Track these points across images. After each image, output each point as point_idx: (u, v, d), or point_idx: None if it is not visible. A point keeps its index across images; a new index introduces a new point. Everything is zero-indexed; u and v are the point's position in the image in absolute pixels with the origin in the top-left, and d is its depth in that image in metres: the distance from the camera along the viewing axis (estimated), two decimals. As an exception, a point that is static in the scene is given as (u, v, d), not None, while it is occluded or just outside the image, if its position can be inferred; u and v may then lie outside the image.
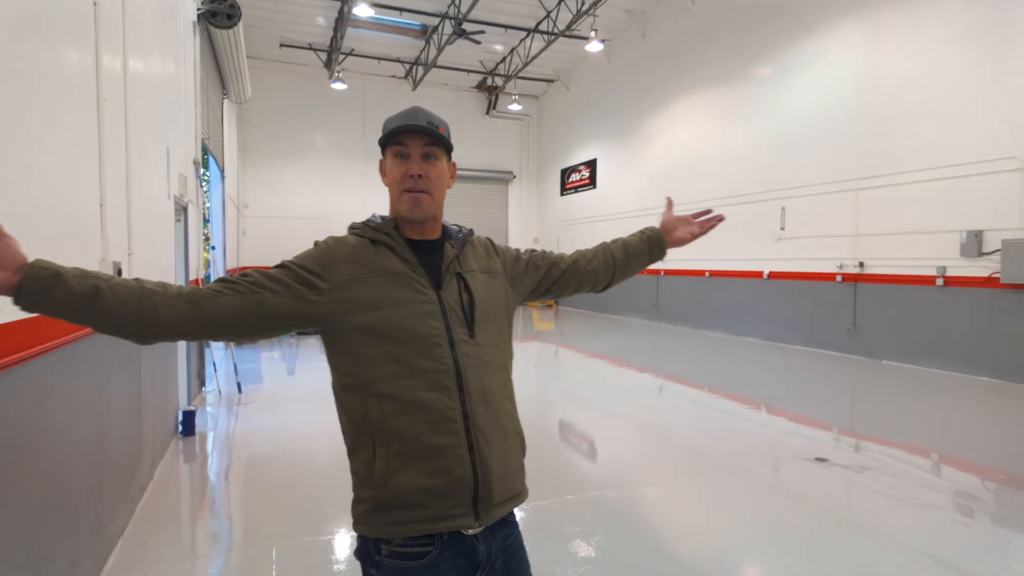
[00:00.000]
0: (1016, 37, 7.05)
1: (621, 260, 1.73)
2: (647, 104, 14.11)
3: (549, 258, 1.62)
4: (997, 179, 7.16)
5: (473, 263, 1.43)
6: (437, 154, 1.36)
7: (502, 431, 1.34)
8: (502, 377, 1.39)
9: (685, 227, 1.81)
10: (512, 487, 1.35)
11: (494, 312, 1.41)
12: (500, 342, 1.41)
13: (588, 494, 3.96)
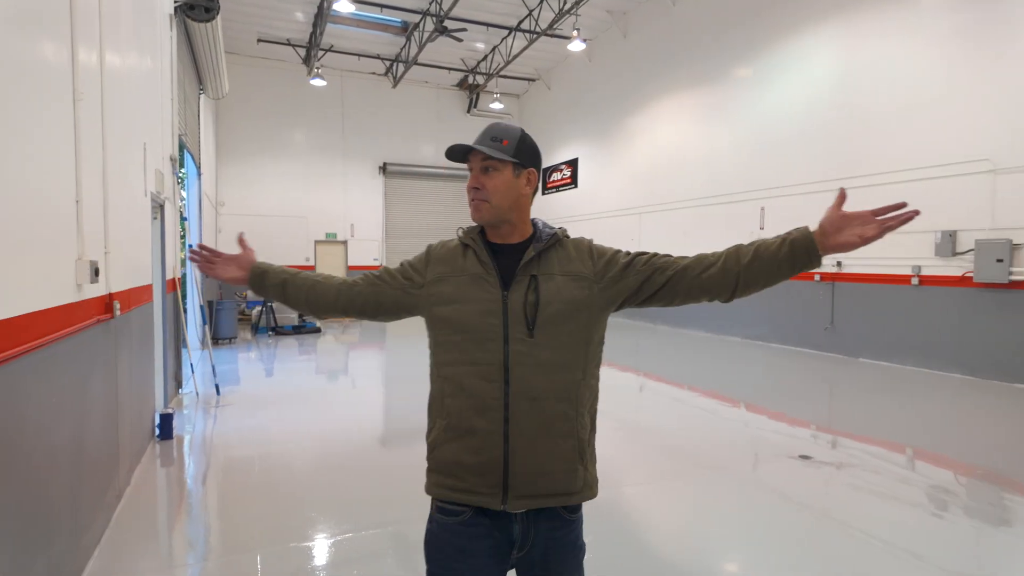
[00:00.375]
0: (990, 43, 7.23)
1: (747, 269, 1.43)
2: (629, 104, 14.19)
3: (654, 262, 1.49)
4: (970, 181, 7.34)
5: (555, 266, 1.48)
6: (497, 167, 1.47)
7: (547, 428, 1.40)
8: (562, 378, 1.43)
9: (856, 226, 1.37)
10: (551, 484, 1.41)
11: (565, 314, 1.44)
12: (569, 344, 1.44)
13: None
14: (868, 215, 1.36)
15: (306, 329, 12.25)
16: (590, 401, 1.49)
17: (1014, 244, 6.93)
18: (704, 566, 3.11)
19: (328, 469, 4.52)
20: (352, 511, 3.72)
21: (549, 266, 1.48)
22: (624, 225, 14.32)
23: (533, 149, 1.52)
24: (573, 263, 1.49)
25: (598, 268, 1.50)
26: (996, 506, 3.94)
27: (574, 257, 1.50)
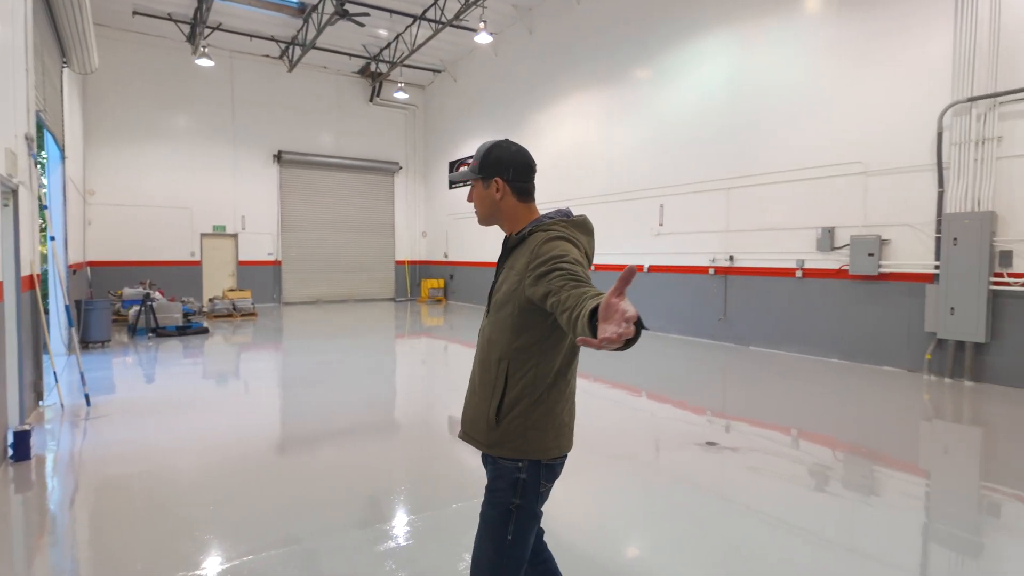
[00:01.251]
0: (861, 56, 7.90)
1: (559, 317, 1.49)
2: (535, 100, 14.28)
3: (554, 284, 1.48)
4: (846, 181, 8.01)
5: (513, 259, 1.75)
6: (474, 184, 1.85)
7: (475, 385, 1.84)
8: (494, 352, 1.75)
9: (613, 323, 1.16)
10: (473, 430, 1.82)
11: (502, 302, 1.74)
12: (504, 326, 1.72)
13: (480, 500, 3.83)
14: (618, 315, 1.14)
15: (192, 330, 11.28)
16: (522, 377, 1.70)
17: (883, 239, 7.65)
18: (612, 555, 3.11)
19: (221, 483, 4.11)
20: (251, 529, 3.39)
21: (513, 259, 1.75)
22: (531, 220, 14.40)
23: (496, 160, 1.78)
24: (521, 257, 1.69)
25: (531, 266, 1.63)
26: (868, 479, 4.31)
27: (525, 252, 1.69)
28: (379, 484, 4.10)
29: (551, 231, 1.68)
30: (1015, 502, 3.93)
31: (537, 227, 1.72)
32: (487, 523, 1.75)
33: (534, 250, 1.64)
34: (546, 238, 1.66)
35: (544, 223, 1.73)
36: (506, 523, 1.71)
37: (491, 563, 1.72)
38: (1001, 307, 6.67)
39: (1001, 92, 6.57)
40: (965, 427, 5.72)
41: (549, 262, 1.56)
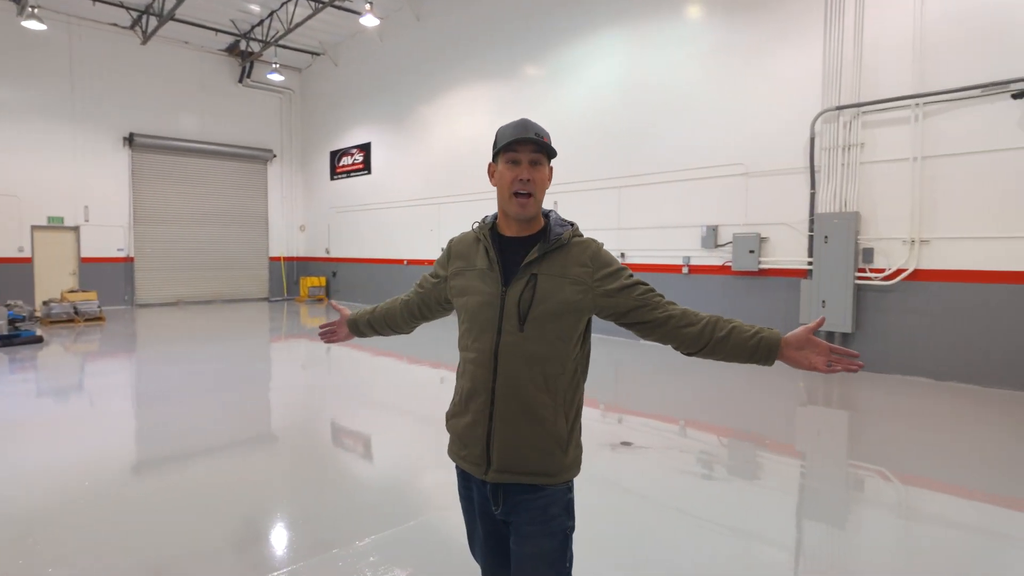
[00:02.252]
0: (745, 61, 8.48)
1: (719, 342, 1.59)
2: (424, 91, 13.94)
3: (649, 298, 1.62)
4: (729, 182, 8.57)
5: (557, 266, 1.61)
6: (542, 161, 1.63)
7: (525, 412, 1.56)
8: (543, 370, 1.57)
9: (812, 353, 1.54)
10: (526, 463, 1.56)
11: (556, 313, 1.58)
12: (555, 341, 1.58)
13: (386, 532, 3.44)
14: (824, 348, 1.54)
15: (20, 339, 9.73)
16: (572, 393, 1.62)
17: (762, 237, 8.27)
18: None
19: (66, 512, 3.52)
20: (102, 562, 2.89)
21: (551, 266, 1.61)
22: (423, 215, 14.08)
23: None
24: (574, 267, 1.61)
25: (597, 276, 1.61)
26: (751, 463, 4.63)
27: (576, 260, 1.61)
28: (256, 503, 3.76)
29: (595, 240, 1.70)
30: (877, 477, 4.35)
31: (575, 232, 1.67)
32: (546, 557, 1.58)
33: (595, 258, 1.63)
34: (598, 246, 1.67)
35: (573, 228, 1.69)
36: (564, 549, 1.61)
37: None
38: (864, 300, 7.44)
39: (864, 103, 7.33)
40: (835, 411, 6.30)
41: (626, 274, 1.63)
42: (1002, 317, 6.48)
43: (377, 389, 7.04)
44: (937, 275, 6.92)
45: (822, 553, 3.28)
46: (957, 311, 6.77)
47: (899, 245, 7.17)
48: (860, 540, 3.42)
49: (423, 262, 14.16)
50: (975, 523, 3.60)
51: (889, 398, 6.40)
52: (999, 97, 6.45)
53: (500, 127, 1.68)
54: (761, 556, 3.17)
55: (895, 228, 7.20)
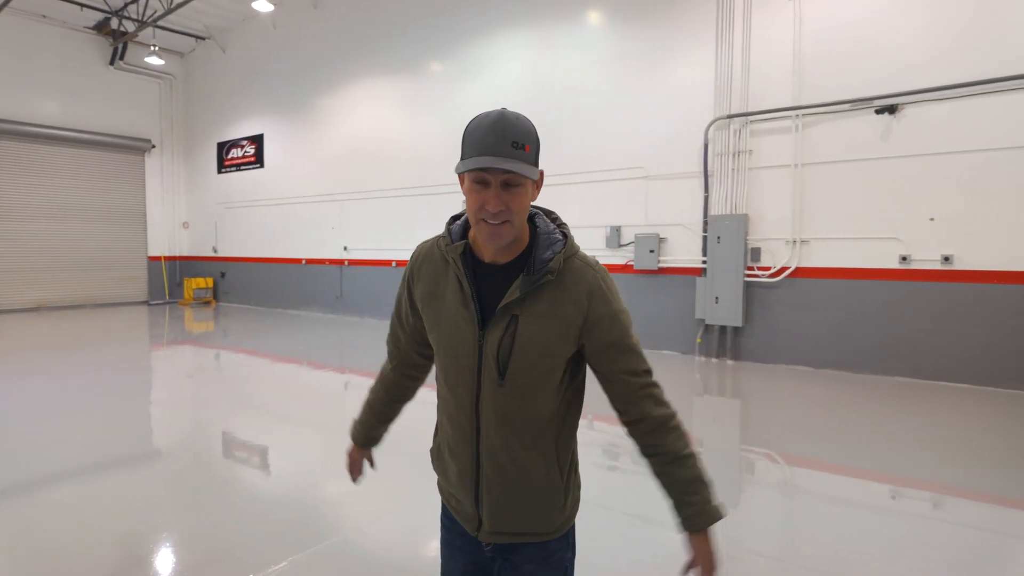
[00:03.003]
0: (644, 68, 8.97)
1: (657, 475, 1.45)
2: (323, 83, 13.51)
3: (628, 384, 1.38)
4: (630, 184, 9.04)
5: (543, 303, 1.32)
6: (521, 181, 1.26)
7: (515, 473, 1.38)
8: (532, 428, 1.37)
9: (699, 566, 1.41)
10: (521, 525, 1.41)
11: (542, 364, 1.33)
12: (540, 394, 1.36)
13: (303, 554, 3.31)
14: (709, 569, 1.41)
15: None
16: (566, 440, 1.44)
17: (661, 238, 8.80)
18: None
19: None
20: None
21: (536, 303, 1.32)
22: (324, 213, 13.64)
23: (538, 140, 1.34)
24: (564, 304, 1.32)
25: (590, 317, 1.34)
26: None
27: (569, 296, 1.33)
28: (137, 532, 3.44)
29: (588, 259, 1.38)
30: (764, 460, 4.81)
31: (568, 252, 1.35)
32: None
33: (592, 295, 1.33)
34: (598, 277, 1.36)
35: (565, 245, 1.36)
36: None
37: None
38: (752, 295, 8.12)
39: (751, 112, 8.00)
40: (727, 399, 6.85)
41: (621, 331, 1.36)
42: (866, 309, 7.32)
43: (276, 398, 6.72)
44: (814, 272, 7.69)
45: (720, 534, 3.56)
46: (831, 305, 7.57)
47: (782, 245, 7.90)
48: (751, 519, 3.77)
49: (323, 261, 13.73)
50: (849, 497, 4.08)
51: (775, 386, 7.04)
52: (865, 112, 7.28)
53: (470, 123, 1.32)
54: (665, 541, 3.40)
55: (779, 229, 7.92)
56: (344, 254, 13.30)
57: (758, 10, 7.97)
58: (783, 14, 7.79)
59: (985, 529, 3.55)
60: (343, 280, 13.38)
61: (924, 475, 4.37)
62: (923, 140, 6.95)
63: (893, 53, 7.08)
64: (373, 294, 12.78)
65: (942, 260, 6.86)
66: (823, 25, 7.53)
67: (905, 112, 7.05)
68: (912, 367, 7.06)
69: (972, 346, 6.70)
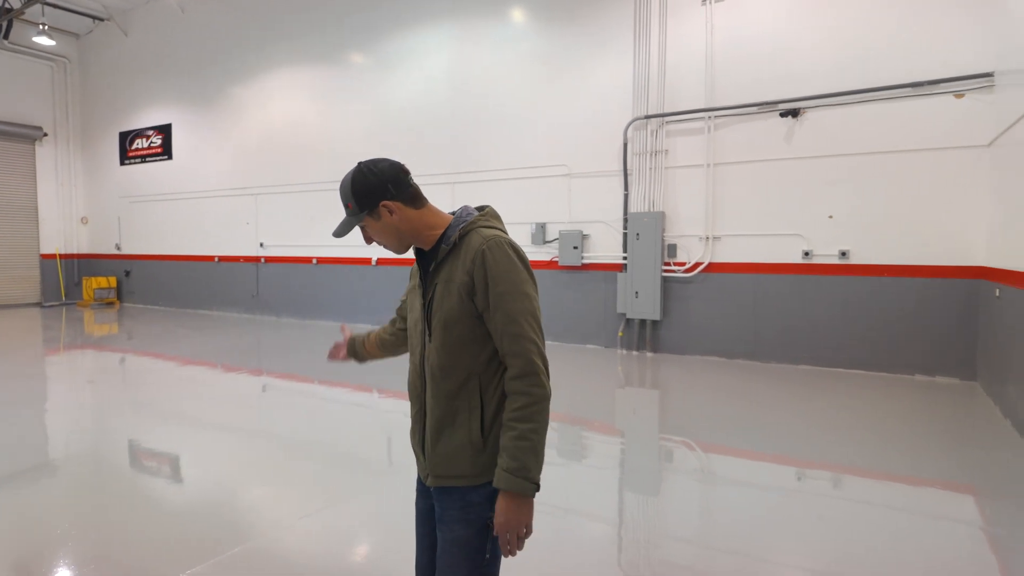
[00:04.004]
0: (566, 67, 9.10)
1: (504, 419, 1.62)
2: (236, 71, 12.88)
3: (509, 338, 1.56)
4: (554, 182, 9.16)
5: (448, 271, 1.62)
6: (367, 223, 1.66)
7: (443, 420, 1.64)
8: (451, 378, 1.62)
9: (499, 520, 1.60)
10: (446, 467, 1.64)
11: (451, 320, 1.60)
12: (458, 348, 1.61)
13: (207, 563, 3.12)
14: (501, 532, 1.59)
15: None
16: (489, 396, 1.62)
17: (584, 234, 8.96)
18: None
19: None
20: None
21: (445, 272, 1.62)
22: (239, 207, 13.01)
23: (369, 186, 1.61)
24: (458, 271, 1.60)
25: (477, 280, 1.56)
26: (578, 445, 5.11)
27: (463, 264, 1.59)
28: (32, 546, 3.22)
29: (482, 229, 1.61)
30: (682, 448, 5.00)
31: (468, 227, 1.62)
32: (460, 545, 1.62)
33: (476, 260, 1.55)
34: (484, 245, 1.56)
35: (467, 220, 1.64)
36: (483, 540, 1.63)
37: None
38: (669, 290, 8.42)
39: (667, 113, 8.29)
40: (647, 390, 7.06)
41: (500, 290, 1.54)
42: (773, 302, 7.75)
43: (187, 403, 6.30)
44: (726, 267, 8.06)
45: (639, 521, 3.69)
46: (741, 298, 7.96)
47: (696, 241, 8.22)
48: (669, 506, 3.91)
49: (238, 258, 13.09)
50: (758, 480, 4.30)
51: (690, 377, 7.33)
52: (771, 115, 7.68)
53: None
54: (589, 531, 3.47)
55: (693, 226, 8.24)
56: (260, 251, 12.74)
57: (673, 15, 8.25)
58: (696, 20, 8.09)
59: (879, 504, 3.83)
60: (259, 278, 12.82)
61: (825, 456, 4.67)
62: (822, 143, 7.42)
63: (795, 60, 7.51)
64: (292, 293, 12.31)
65: (840, 255, 7.35)
66: (732, 32, 7.89)
67: (806, 116, 7.50)
68: (814, 355, 7.53)
69: (867, 335, 7.22)
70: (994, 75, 6.41)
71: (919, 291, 6.96)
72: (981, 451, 4.73)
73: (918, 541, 3.31)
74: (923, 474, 4.31)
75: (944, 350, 6.84)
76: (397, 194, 1.62)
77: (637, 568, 3.06)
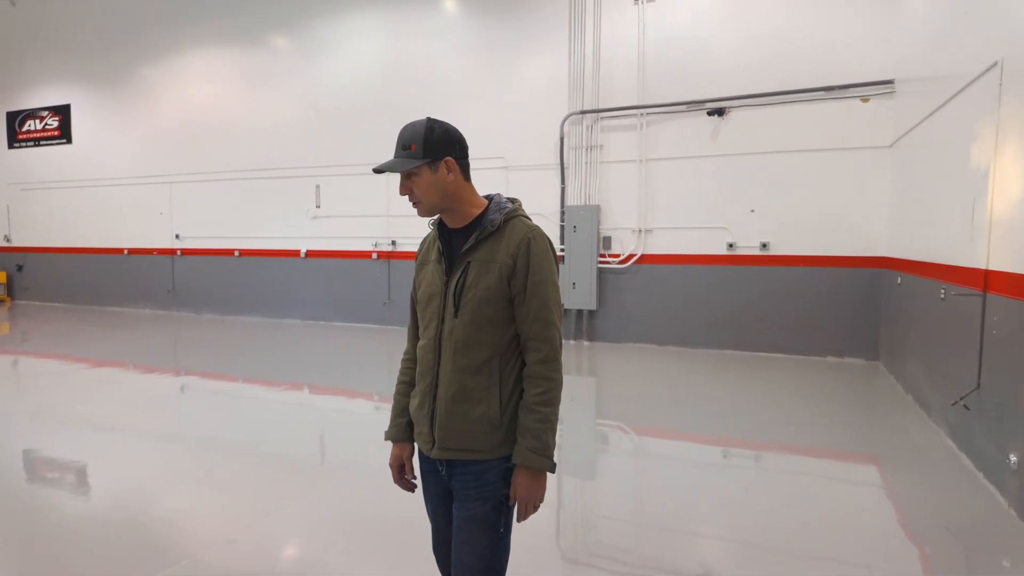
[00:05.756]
0: (503, 59, 9.34)
1: (519, 404, 1.76)
2: (148, 50, 12.27)
3: (527, 316, 1.71)
4: (492, 174, 9.36)
5: (488, 252, 1.73)
6: (417, 171, 1.70)
7: (461, 395, 1.72)
8: (475, 354, 1.72)
9: (519, 493, 1.75)
10: (458, 440, 1.73)
11: (483, 300, 1.71)
12: (487, 326, 1.72)
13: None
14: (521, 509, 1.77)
15: None
16: (509, 375, 1.75)
17: (521, 226, 9.19)
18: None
19: None
20: None
21: (484, 252, 1.73)
22: (152, 196, 12.42)
23: (443, 138, 1.70)
24: (503, 253, 1.71)
25: (519, 264, 1.70)
26: None
27: (506, 246, 1.71)
28: None
29: (524, 219, 1.76)
30: (617, 432, 5.37)
31: (511, 214, 1.75)
32: (477, 520, 1.73)
33: (521, 245, 1.70)
34: (529, 236, 1.72)
35: (511, 208, 1.76)
36: (499, 515, 1.75)
37: (485, 560, 1.73)
38: (605, 281, 8.85)
39: (601, 109, 8.69)
40: (585, 377, 7.43)
41: (539, 278, 1.69)
42: (700, 291, 8.33)
43: (95, 407, 5.93)
44: (657, 259, 8.56)
45: (576, 505, 3.94)
46: (671, 288, 8.50)
47: (630, 234, 8.68)
48: (606, 488, 4.23)
49: (151, 251, 12.52)
50: (688, 458, 4.71)
51: (624, 364, 7.77)
52: (698, 113, 8.21)
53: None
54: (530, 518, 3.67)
55: (627, 219, 8.69)
56: (176, 243, 12.23)
57: (607, 10, 8.64)
58: (628, 18, 8.51)
59: (797, 474, 4.33)
60: (176, 272, 12.31)
61: (748, 434, 5.16)
62: (745, 140, 8.02)
63: (721, 62, 8.07)
64: (213, 287, 11.92)
65: (761, 246, 7.99)
66: (663, 32, 8.36)
67: (731, 115, 8.07)
68: (738, 341, 8.16)
69: (785, 321, 7.90)
70: (895, 82, 7.17)
71: (830, 280, 7.68)
72: (884, 423, 5.37)
73: (831, 504, 3.79)
74: (834, 446, 4.87)
75: (852, 333, 7.60)
76: (460, 157, 1.73)
77: (574, 551, 3.21)
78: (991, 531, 3.32)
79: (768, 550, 3.16)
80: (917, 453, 4.58)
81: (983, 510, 3.54)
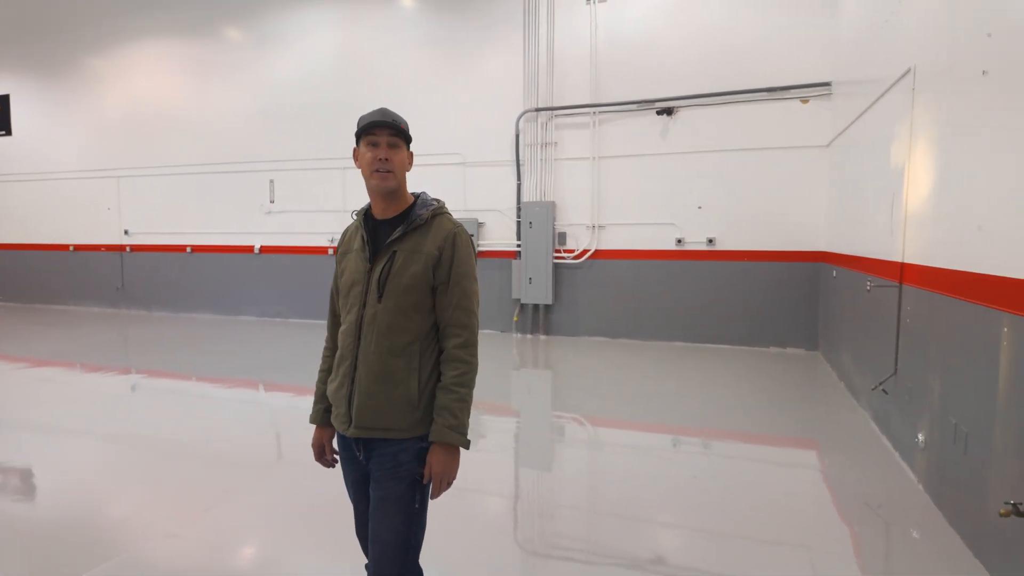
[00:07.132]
0: (458, 56, 9.37)
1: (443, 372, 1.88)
2: (92, 39, 11.81)
3: (447, 304, 1.85)
4: (449, 170, 9.42)
5: (414, 243, 1.84)
6: (399, 144, 1.84)
7: (381, 376, 1.81)
8: (397, 338, 1.82)
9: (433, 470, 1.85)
10: (376, 419, 1.82)
11: (411, 287, 1.82)
12: (411, 312, 1.83)
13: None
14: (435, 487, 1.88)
15: None
16: (428, 358, 1.86)
17: (480, 222, 9.32)
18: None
19: None
20: None
21: (410, 243, 1.84)
22: (97, 191, 11.97)
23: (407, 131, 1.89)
24: (429, 244, 1.83)
25: (443, 256, 1.83)
26: (476, 426, 5.44)
27: (433, 239, 1.84)
28: None
29: (449, 215, 1.93)
30: (573, 423, 5.48)
31: (437, 210, 1.90)
32: (393, 499, 1.81)
33: (448, 239, 1.84)
34: (455, 231, 1.87)
35: (437, 206, 1.91)
36: (413, 492, 1.83)
37: (401, 536, 1.81)
38: (560, 276, 9.00)
39: (556, 107, 8.81)
40: (541, 371, 7.56)
41: (461, 271, 1.84)
42: (650, 285, 8.55)
43: (39, 408, 5.76)
44: (610, 254, 8.74)
45: (533, 496, 4.05)
46: (623, 282, 8.70)
47: (584, 230, 8.83)
48: (562, 478, 4.36)
49: (98, 247, 12.06)
50: (640, 447, 4.86)
51: (579, 357, 7.93)
52: (649, 113, 8.39)
53: (361, 115, 1.87)
54: (487, 508, 3.75)
55: (581, 216, 8.83)
56: (125, 239, 11.81)
57: (560, 9, 8.76)
58: (581, 17, 8.64)
59: (740, 459, 4.52)
60: (124, 268, 11.90)
61: (696, 422, 5.36)
62: (692, 139, 8.25)
63: (670, 62, 8.28)
64: (164, 284, 11.58)
65: (707, 242, 8.24)
66: (615, 32, 8.52)
67: (680, 115, 8.28)
68: (686, 333, 8.41)
69: (730, 313, 8.18)
70: (832, 84, 7.46)
71: (773, 273, 7.98)
72: (821, 410, 5.64)
73: (772, 486, 3.99)
74: (775, 432, 5.10)
75: (792, 325, 7.92)
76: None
77: (531, 541, 3.28)
78: (903, 506, 3.60)
79: (717, 534, 3.32)
80: (848, 436, 4.85)
81: (897, 487, 3.83)
